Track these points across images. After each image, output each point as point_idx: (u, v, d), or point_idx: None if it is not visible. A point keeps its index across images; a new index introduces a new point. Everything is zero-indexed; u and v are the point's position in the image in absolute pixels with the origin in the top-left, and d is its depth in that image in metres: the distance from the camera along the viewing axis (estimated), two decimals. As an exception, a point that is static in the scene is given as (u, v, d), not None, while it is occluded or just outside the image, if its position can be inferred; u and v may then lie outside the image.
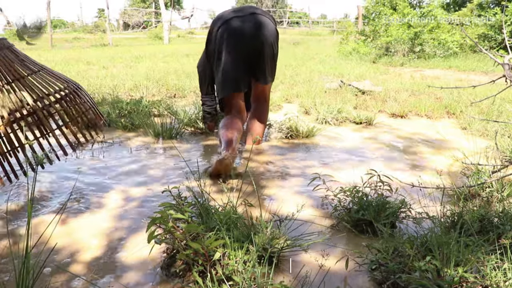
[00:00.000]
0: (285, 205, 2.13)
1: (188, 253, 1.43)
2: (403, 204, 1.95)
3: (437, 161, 2.99)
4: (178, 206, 1.63)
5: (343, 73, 7.46)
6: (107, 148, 3.28)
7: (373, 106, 4.75)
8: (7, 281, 1.53)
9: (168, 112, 4.28)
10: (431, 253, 1.47)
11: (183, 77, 6.70)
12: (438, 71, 8.42)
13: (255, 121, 3.32)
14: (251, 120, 3.35)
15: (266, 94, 3.40)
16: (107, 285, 1.54)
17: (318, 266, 1.54)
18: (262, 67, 3.15)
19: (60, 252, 1.76)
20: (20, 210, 2.13)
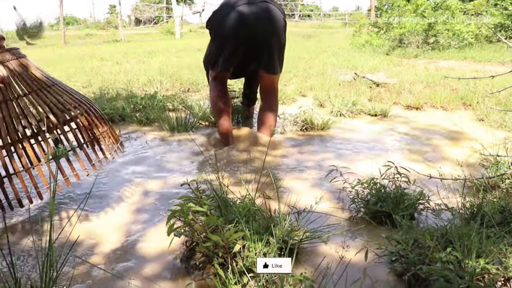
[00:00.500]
0: (302, 198, 2.13)
1: (208, 245, 1.44)
2: (421, 196, 1.94)
3: (455, 153, 2.96)
4: (197, 199, 1.63)
5: (357, 65, 7.41)
6: (124, 142, 3.30)
7: (387, 98, 4.72)
8: (31, 274, 1.55)
9: (182, 106, 4.29)
10: (452, 245, 1.46)
11: (196, 71, 6.70)
12: (453, 62, 8.32)
13: (268, 112, 3.31)
14: (263, 112, 3.33)
15: (275, 85, 3.39)
16: (128, 277, 1.55)
17: (337, 258, 1.54)
18: (269, 56, 3.14)
19: (81, 245, 1.78)
20: (42, 205, 2.16)
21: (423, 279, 1.39)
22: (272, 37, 3.08)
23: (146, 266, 1.64)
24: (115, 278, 1.55)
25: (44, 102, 1.99)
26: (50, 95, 2.03)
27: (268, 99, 3.36)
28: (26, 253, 1.73)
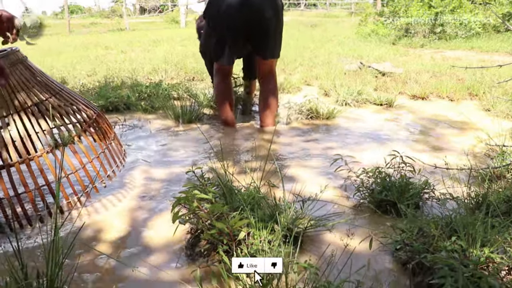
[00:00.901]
0: (307, 186, 2.13)
1: (213, 232, 1.44)
2: (426, 185, 1.94)
3: (460, 143, 2.95)
4: (202, 187, 1.64)
5: (362, 55, 7.36)
6: (129, 130, 3.31)
7: (393, 88, 4.69)
8: (38, 259, 1.56)
9: (187, 95, 4.29)
10: (456, 234, 1.45)
11: (201, 60, 6.68)
12: (459, 52, 8.26)
13: (269, 97, 3.30)
14: (264, 97, 3.32)
15: (274, 69, 3.38)
16: (134, 264, 1.56)
17: (342, 246, 1.54)
18: (269, 42, 3.13)
19: (87, 232, 1.80)
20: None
21: (427, 268, 1.39)
22: (271, 22, 3.07)
23: (151, 252, 1.65)
24: (120, 265, 1.56)
25: (62, 107, 1.89)
26: (64, 100, 1.93)
27: (267, 84, 3.35)
28: (32, 239, 1.74)
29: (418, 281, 1.40)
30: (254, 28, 3.06)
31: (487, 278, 1.21)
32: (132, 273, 1.51)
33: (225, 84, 3.32)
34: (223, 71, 3.29)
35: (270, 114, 3.28)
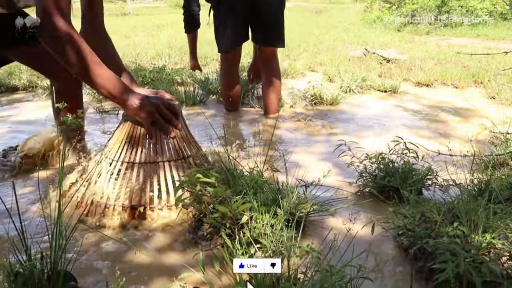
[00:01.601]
0: (310, 171, 2.13)
1: (215, 216, 1.45)
2: (429, 172, 1.93)
3: (464, 130, 2.94)
4: (205, 171, 1.64)
5: (367, 41, 7.32)
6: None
7: (398, 75, 4.67)
8: (41, 241, 1.57)
9: (191, 79, 4.28)
10: (459, 220, 1.46)
11: (205, 45, 6.66)
12: (465, 39, 8.19)
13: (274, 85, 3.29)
14: (269, 84, 3.30)
15: (276, 55, 3.37)
16: (137, 247, 1.57)
17: (344, 231, 1.55)
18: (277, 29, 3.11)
19: (92, 215, 1.80)
20: (51, 174, 2.18)
21: (429, 253, 1.39)
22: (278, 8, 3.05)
23: (154, 236, 1.65)
24: (123, 247, 1.57)
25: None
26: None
27: (271, 70, 3.32)
28: (36, 221, 1.76)
29: (419, 266, 1.40)
30: (257, 13, 3.03)
31: (488, 264, 1.22)
32: (135, 256, 1.52)
33: (232, 71, 3.29)
34: (230, 58, 3.26)
35: (274, 101, 3.27)
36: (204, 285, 1.26)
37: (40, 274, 1.23)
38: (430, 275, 1.34)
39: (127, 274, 1.40)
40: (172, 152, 1.88)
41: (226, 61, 3.27)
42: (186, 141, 1.94)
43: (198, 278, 1.32)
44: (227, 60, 3.26)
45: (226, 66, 3.28)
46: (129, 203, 1.78)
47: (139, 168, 1.83)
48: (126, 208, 1.78)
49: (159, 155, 1.85)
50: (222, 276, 1.36)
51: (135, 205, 1.79)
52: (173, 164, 1.86)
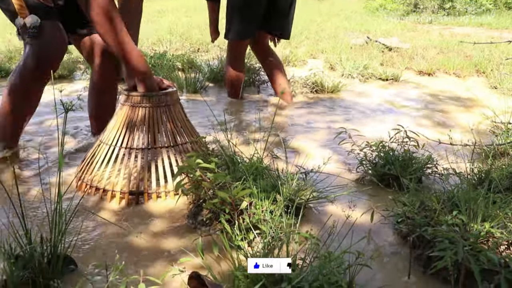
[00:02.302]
0: (310, 158, 2.13)
1: (215, 202, 1.45)
2: (429, 160, 1.93)
3: (465, 119, 2.94)
4: (204, 156, 1.64)
5: (370, 29, 7.27)
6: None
7: (400, 63, 4.65)
8: (41, 225, 1.58)
9: (192, 66, 4.26)
10: (458, 208, 1.46)
11: (206, 31, 6.62)
12: (468, 29, 8.14)
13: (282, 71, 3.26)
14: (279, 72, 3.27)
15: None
16: (136, 232, 1.58)
17: (343, 218, 1.55)
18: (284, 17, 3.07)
19: (90, 200, 1.81)
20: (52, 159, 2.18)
21: (427, 241, 1.40)
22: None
23: (154, 221, 1.66)
24: (123, 232, 1.58)
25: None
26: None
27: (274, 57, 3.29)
28: (36, 205, 1.76)
29: (418, 253, 1.41)
30: (277, 3, 2.98)
31: (486, 252, 1.22)
32: (135, 240, 1.52)
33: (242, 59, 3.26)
34: (242, 46, 3.21)
35: (288, 89, 3.25)
36: (203, 270, 1.26)
37: (40, 257, 1.23)
38: (428, 263, 1.35)
39: (126, 258, 1.41)
40: (170, 138, 1.88)
41: (238, 48, 3.19)
42: (184, 127, 1.94)
43: (197, 263, 1.33)
44: (238, 47, 3.19)
45: (237, 54, 3.22)
46: (127, 189, 1.79)
47: (138, 153, 1.83)
48: (124, 194, 1.79)
49: (158, 140, 1.85)
50: (221, 261, 1.36)
51: (134, 191, 1.80)
52: (172, 150, 1.86)
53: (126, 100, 1.87)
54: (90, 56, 2.16)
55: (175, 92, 1.95)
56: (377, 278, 1.32)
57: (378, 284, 1.28)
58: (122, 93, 1.90)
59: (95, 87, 2.22)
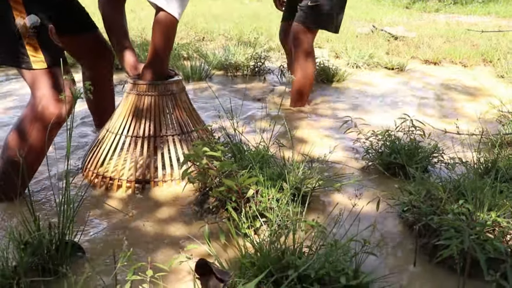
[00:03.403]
0: (316, 147, 2.13)
1: (221, 190, 1.45)
2: (435, 149, 1.93)
3: (472, 108, 2.92)
4: (211, 144, 1.64)
5: (375, 18, 7.22)
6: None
7: (405, 52, 4.62)
8: (50, 212, 1.59)
9: (197, 54, 4.25)
10: (464, 197, 1.46)
11: (211, 20, 6.60)
12: (475, 17, 8.07)
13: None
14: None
15: None
16: (143, 219, 1.59)
17: (349, 207, 1.55)
18: None
19: (96, 188, 1.81)
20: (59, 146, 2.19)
21: (433, 230, 1.40)
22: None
23: (160, 209, 1.67)
24: (129, 220, 1.59)
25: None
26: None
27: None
28: (44, 193, 1.77)
29: (423, 242, 1.41)
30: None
31: (492, 241, 1.22)
32: (142, 227, 1.54)
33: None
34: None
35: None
36: (209, 257, 1.27)
37: (48, 244, 1.25)
38: (434, 252, 1.35)
39: (133, 245, 1.42)
40: (176, 126, 1.88)
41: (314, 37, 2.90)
42: (189, 115, 1.95)
43: (203, 250, 1.34)
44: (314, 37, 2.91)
45: (313, 43, 2.95)
46: (134, 177, 1.80)
47: (144, 142, 1.84)
48: (131, 182, 1.80)
49: (164, 129, 1.86)
50: (228, 249, 1.37)
51: (140, 179, 1.81)
52: (177, 138, 1.87)
53: (132, 89, 1.87)
54: (80, 55, 2.15)
55: (180, 80, 1.95)
56: (382, 266, 1.33)
57: (384, 272, 1.28)
58: (128, 82, 1.90)
59: (92, 84, 2.18)
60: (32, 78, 1.62)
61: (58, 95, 1.60)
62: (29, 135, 1.64)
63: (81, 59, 2.20)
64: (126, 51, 1.97)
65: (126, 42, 1.99)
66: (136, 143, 1.83)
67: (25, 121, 1.65)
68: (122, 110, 1.88)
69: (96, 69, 2.06)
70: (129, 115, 1.86)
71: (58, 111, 1.61)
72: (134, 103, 1.86)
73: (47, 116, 1.61)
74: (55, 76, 1.62)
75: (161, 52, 1.87)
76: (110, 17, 2.00)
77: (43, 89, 1.61)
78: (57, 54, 1.64)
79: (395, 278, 1.25)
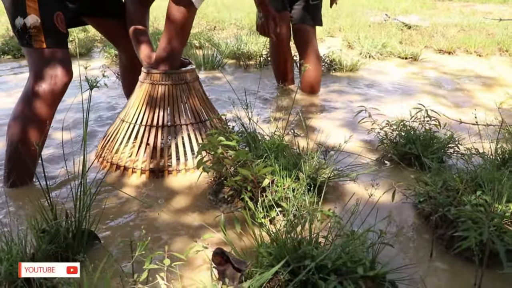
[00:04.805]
0: (331, 137, 2.12)
1: (237, 179, 1.45)
2: (451, 140, 1.91)
3: (487, 98, 2.89)
4: (225, 134, 1.64)
5: (388, 7, 7.15)
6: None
7: (419, 41, 4.58)
8: (66, 201, 1.60)
9: (209, 43, 4.24)
10: (481, 189, 1.44)
11: (222, 9, 6.58)
12: (491, 6, 7.95)
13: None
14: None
15: None
16: (159, 208, 1.59)
17: (364, 197, 1.54)
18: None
19: (111, 176, 1.82)
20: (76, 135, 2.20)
21: (450, 221, 1.39)
22: None
23: (175, 197, 1.67)
24: (145, 208, 1.59)
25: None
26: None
27: None
28: (61, 181, 1.78)
29: (440, 233, 1.40)
30: None
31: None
32: (157, 216, 1.54)
33: None
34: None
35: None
36: (225, 246, 1.27)
37: (65, 232, 1.25)
38: (451, 243, 1.34)
39: (149, 233, 1.43)
40: (190, 115, 1.88)
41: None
42: (203, 104, 1.94)
43: (219, 239, 1.34)
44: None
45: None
46: (148, 166, 1.80)
47: (158, 131, 1.84)
48: (145, 171, 1.80)
49: (177, 118, 1.85)
50: (243, 238, 1.37)
51: (154, 168, 1.81)
52: (191, 127, 1.87)
53: (146, 78, 1.87)
54: (116, 39, 2.20)
55: (194, 69, 1.94)
56: (399, 257, 1.32)
57: (400, 263, 1.27)
58: (142, 71, 1.90)
59: (127, 67, 2.27)
60: (28, 56, 1.72)
61: (52, 74, 1.69)
62: (24, 113, 1.71)
63: (116, 43, 2.25)
64: (143, 43, 1.97)
65: (145, 36, 2.00)
66: (150, 132, 1.83)
67: (20, 101, 1.73)
68: (136, 99, 1.89)
69: (130, 53, 2.08)
70: (143, 104, 1.86)
71: (50, 88, 1.69)
72: (148, 92, 1.86)
73: (40, 94, 1.69)
74: (52, 57, 1.70)
75: (176, 42, 1.86)
76: (133, 12, 2.02)
77: (38, 67, 1.70)
78: (59, 38, 1.73)
79: (411, 269, 1.24)
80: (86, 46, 4.32)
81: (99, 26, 2.16)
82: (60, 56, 1.71)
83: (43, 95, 1.68)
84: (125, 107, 1.96)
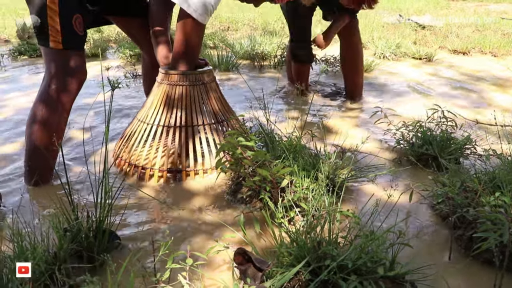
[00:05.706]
0: (347, 138, 2.13)
1: (256, 179, 1.46)
2: (468, 141, 1.90)
3: (503, 99, 2.87)
4: (244, 135, 1.65)
5: (401, 7, 7.11)
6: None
7: (433, 42, 4.56)
8: (87, 201, 1.62)
9: (223, 44, 4.26)
10: (500, 190, 1.44)
11: (235, 9, 6.59)
12: (505, 5, 7.88)
13: None
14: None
15: None
16: (178, 208, 1.61)
17: (383, 197, 1.55)
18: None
19: (129, 177, 1.84)
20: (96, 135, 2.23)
21: (468, 222, 1.39)
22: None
23: (194, 198, 1.69)
24: (164, 208, 1.61)
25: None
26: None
27: None
28: (82, 182, 1.80)
29: (458, 234, 1.40)
30: None
31: (532, 235, 1.20)
32: (177, 216, 1.56)
33: None
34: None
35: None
36: (245, 246, 1.28)
37: (87, 232, 1.27)
38: (469, 244, 1.34)
39: (170, 233, 1.44)
40: (207, 116, 1.90)
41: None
42: (220, 105, 1.96)
43: (239, 239, 1.35)
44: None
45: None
46: (166, 167, 1.82)
47: (175, 131, 1.86)
48: (163, 172, 1.82)
49: (195, 118, 1.87)
50: (263, 238, 1.38)
51: (172, 169, 1.83)
52: (209, 128, 1.88)
53: (164, 79, 1.89)
54: (139, 38, 2.23)
55: (211, 70, 1.96)
56: (418, 258, 1.32)
57: (419, 264, 1.28)
58: (160, 72, 1.92)
59: (149, 66, 2.30)
60: (45, 55, 1.76)
61: (67, 75, 1.74)
62: (42, 113, 1.74)
63: (139, 43, 2.28)
64: (161, 43, 2.00)
65: (164, 37, 2.02)
66: (168, 132, 1.85)
67: (37, 100, 1.76)
68: (154, 100, 1.91)
69: (152, 52, 2.11)
70: (161, 104, 1.88)
71: (65, 87, 1.73)
72: (166, 93, 1.88)
73: (55, 93, 1.73)
74: (68, 58, 1.74)
75: (190, 45, 1.89)
76: (155, 12, 2.04)
77: (54, 67, 1.73)
78: (76, 40, 1.77)
79: (430, 270, 1.24)
80: (101, 46, 4.36)
81: (123, 26, 2.19)
82: (75, 57, 1.75)
83: (58, 94, 1.72)
84: (142, 107, 1.98)
